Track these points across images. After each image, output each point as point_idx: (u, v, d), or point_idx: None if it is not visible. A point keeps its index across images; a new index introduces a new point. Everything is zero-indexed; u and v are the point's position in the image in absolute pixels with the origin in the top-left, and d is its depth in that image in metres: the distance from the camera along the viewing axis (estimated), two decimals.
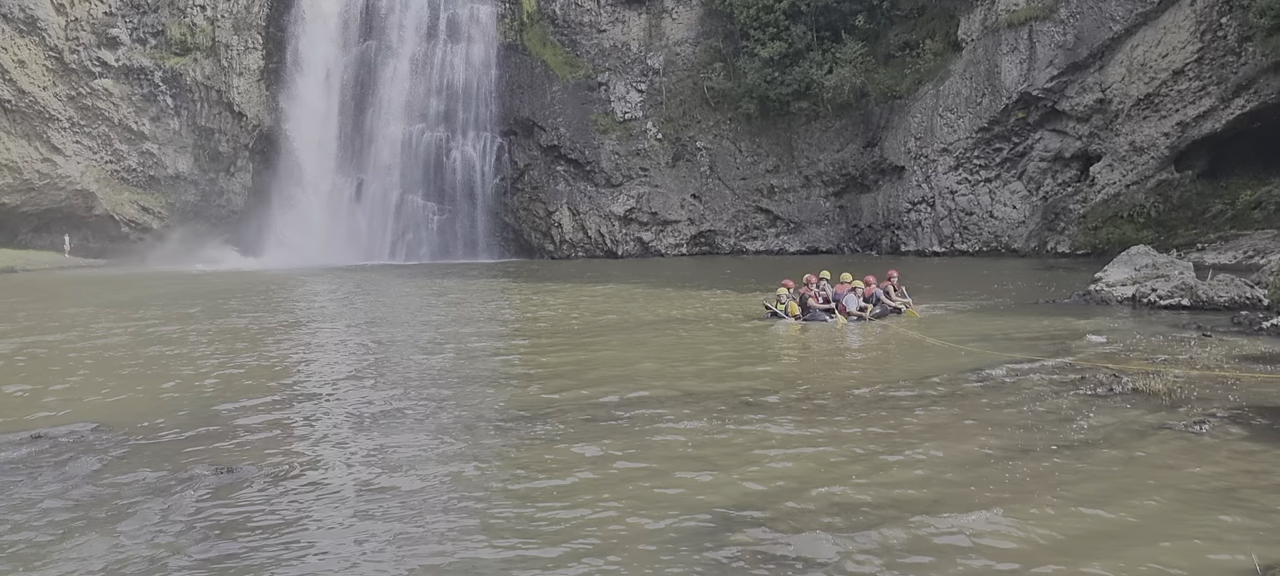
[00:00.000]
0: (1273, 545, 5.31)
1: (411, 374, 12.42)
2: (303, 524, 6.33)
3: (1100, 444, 7.75)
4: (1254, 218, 30.24)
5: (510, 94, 48.26)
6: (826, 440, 8.18)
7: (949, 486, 6.72)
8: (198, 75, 49.60)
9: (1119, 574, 5.05)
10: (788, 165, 45.71)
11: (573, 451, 8.02)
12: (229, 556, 5.76)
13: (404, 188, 48.37)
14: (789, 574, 5.23)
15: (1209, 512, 5.98)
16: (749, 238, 46.65)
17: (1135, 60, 34.11)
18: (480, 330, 17.51)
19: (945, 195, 39.77)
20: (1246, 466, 6.95)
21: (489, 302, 23.44)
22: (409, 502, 6.73)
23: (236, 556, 5.75)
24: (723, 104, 46.21)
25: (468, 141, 48.82)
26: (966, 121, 38.75)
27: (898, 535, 5.75)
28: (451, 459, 7.89)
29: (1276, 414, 8.53)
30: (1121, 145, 34.96)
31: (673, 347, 14.37)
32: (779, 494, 6.65)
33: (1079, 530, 5.76)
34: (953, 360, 12.21)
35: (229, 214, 50.56)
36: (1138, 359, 11.77)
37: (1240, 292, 16.96)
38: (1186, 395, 9.41)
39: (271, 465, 7.75)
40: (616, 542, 5.80)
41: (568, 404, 10.04)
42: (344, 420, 9.57)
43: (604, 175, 47.27)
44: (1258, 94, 31.41)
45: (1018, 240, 37.68)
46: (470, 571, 5.45)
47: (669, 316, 18.85)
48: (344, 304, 23.94)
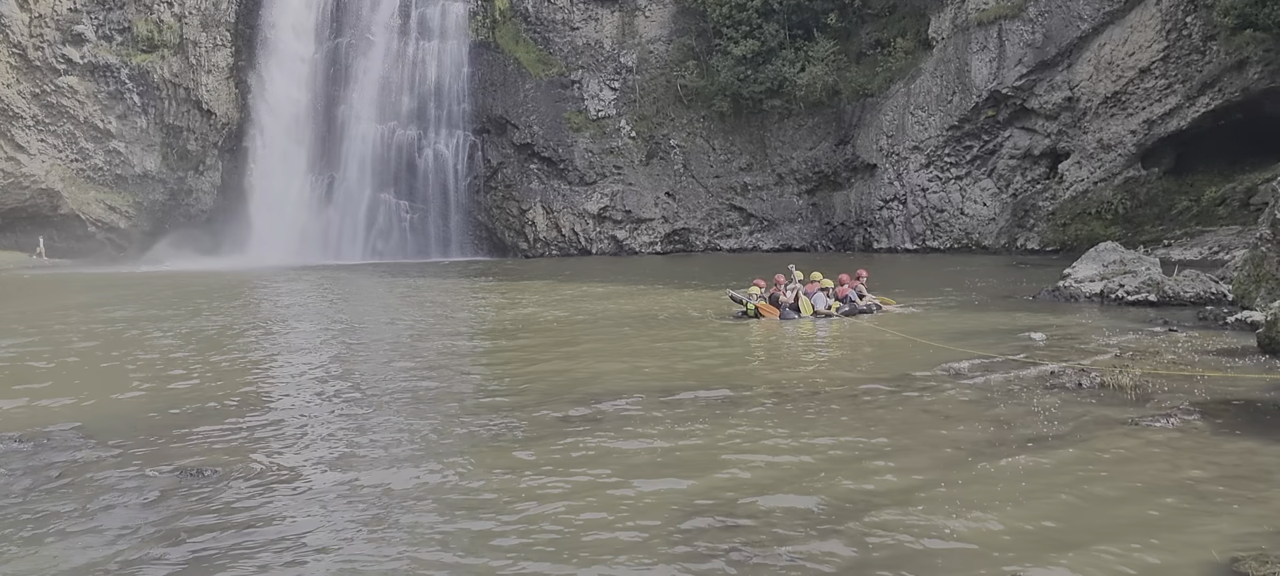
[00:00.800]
0: (1237, 538, 5.37)
1: (382, 374, 12.33)
2: (272, 525, 6.25)
3: (1067, 439, 7.82)
4: (1218, 214, 30.69)
5: (483, 92, 48.04)
6: (796, 437, 8.20)
7: (918, 482, 6.75)
8: (165, 72, 48.97)
9: (1085, 568, 5.09)
10: (761, 163, 45.84)
11: (544, 450, 7.99)
12: (198, 558, 5.68)
13: (376, 186, 48.02)
14: (759, 570, 5.23)
15: (1174, 506, 6.04)
16: (723, 235, 46.74)
17: (1103, 59, 34.50)
18: (452, 330, 17.41)
19: (917, 193, 40.05)
20: (1211, 460, 7.03)
21: (461, 302, 23.33)
22: (380, 502, 6.67)
23: (206, 558, 5.68)
24: (696, 102, 46.26)
25: (440, 139, 48.53)
26: (937, 119, 39.04)
27: (867, 531, 5.77)
28: (423, 458, 7.84)
29: (1241, 408, 8.64)
30: (1089, 143, 35.36)
31: (645, 346, 14.37)
32: (749, 491, 6.65)
33: (1046, 524, 5.81)
34: (922, 356, 12.28)
35: (198, 213, 49.99)
36: (1105, 353, 11.90)
37: (1205, 288, 17.19)
38: (1152, 389, 9.52)
39: (240, 466, 7.65)
40: (587, 540, 5.78)
41: (539, 403, 10.00)
42: (314, 421, 9.48)
43: (578, 173, 47.19)
44: (1222, 92, 31.88)
45: (988, 237, 38.01)
46: (442, 572, 5.40)
47: (641, 315, 18.85)
48: (315, 304, 23.74)
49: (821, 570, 5.22)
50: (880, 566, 5.23)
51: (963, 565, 5.20)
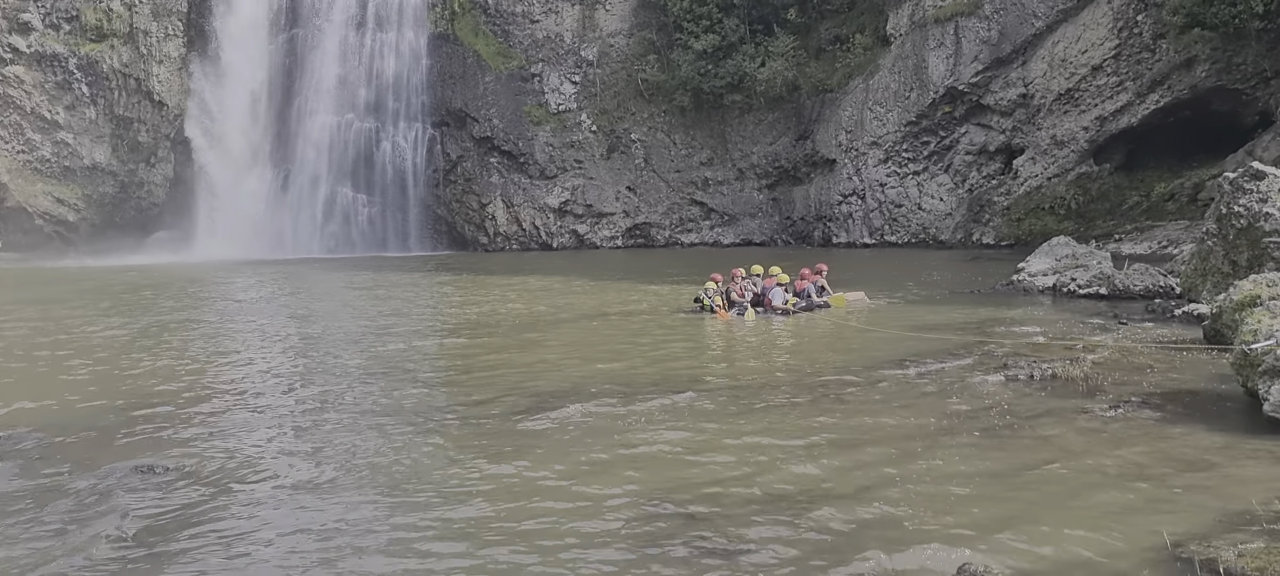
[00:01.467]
0: (1182, 523, 5.49)
1: (341, 370, 12.19)
2: (223, 522, 6.15)
3: (1020, 428, 7.94)
4: (1167, 209, 31.35)
5: (441, 84, 47.63)
6: (755, 430, 8.24)
7: (875, 473, 6.81)
8: (115, 62, 47.91)
9: (1036, 553, 5.17)
10: (722, 158, 45.97)
11: (503, 446, 7.96)
12: (148, 555, 5.57)
13: (332, 179, 47.41)
14: (718, 561, 5.24)
15: (1122, 493, 6.15)
16: (684, 230, 46.82)
17: (1056, 56, 35.05)
18: (410, 324, 17.27)
19: (875, 187, 40.42)
20: (1158, 448, 7.18)
21: (420, 297, 23.14)
22: (334, 499, 6.59)
23: (156, 555, 5.57)
24: (657, 96, 46.27)
25: (398, 132, 48.04)
26: (895, 115, 39.42)
27: (824, 521, 5.80)
28: (379, 455, 7.76)
29: (1187, 397, 8.83)
30: (1043, 139, 35.92)
31: (605, 341, 14.36)
32: (707, 485, 6.67)
33: (999, 511, 5.89)
34: (880, 349, 12.40)
35: (150, 206, 49.00)
36: (1057, 345, 12.10)
37: (1154, 281, 17.54)
38: (1103, 380, 9.69)
39: (192, 463, 7.52)
40: (546, 536, 5.75)
41: (497, 398, 9.95)
42: (266, 418, 9.35)
43: (538, 167, 46.99)
44: (1171, 90, 32.54)
45: (945, 232, 38.48)
46: (402, 571, 5.35)
47: (602, 310, 18.83)
48: (271, 299, 23.41)
49: (779, 559, 5.24)
50: (836, 556, 5.26)
51: (917, 553, 5.25)
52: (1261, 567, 4.64)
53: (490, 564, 5.35)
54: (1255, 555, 4.83)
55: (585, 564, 5.30)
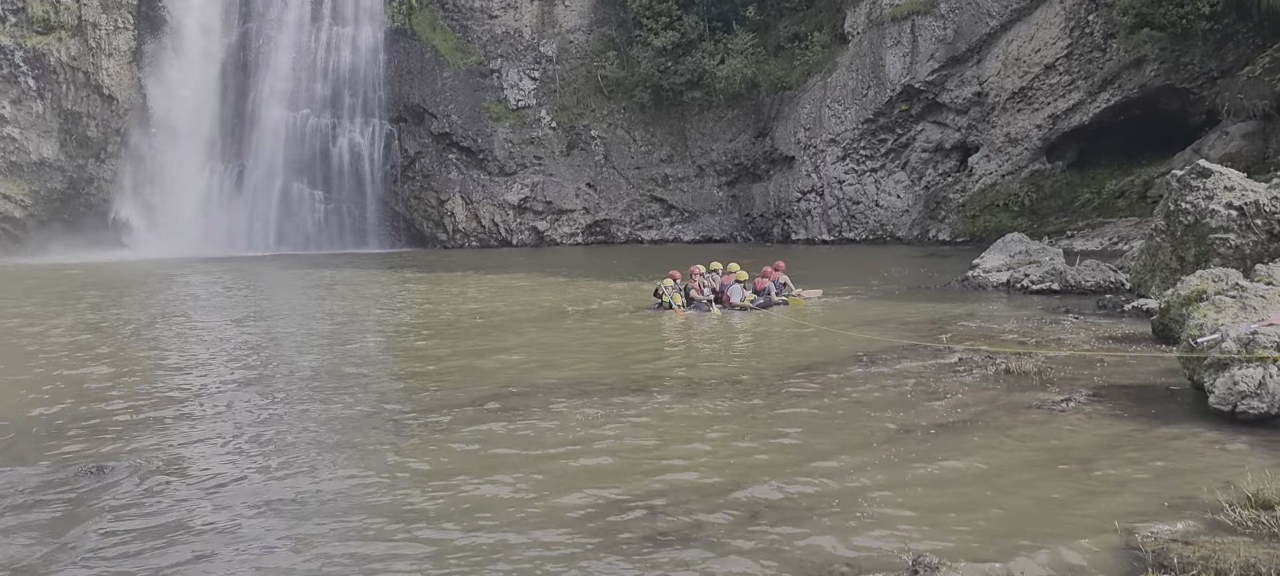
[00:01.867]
0: (1132, 512, 5.58)
1: (295, 369, 12.02)
2: (182, 524, 6.03)
3: (974, 423, 8.03)
4: (1118, 206, 31.92)
5: (399, 80, 47.15)
6: (714, 426, 8.26)
7: (832, 467, 6.85)
8: (62, 55, 46.84)
9: (989, 545, 5.22)
10: (681, 154, 46.03)
11: (462, 445, 7.90)
12: (95, 556, 5.44)
13: (288, 175, 46.74)
14: (677, 556, 5.24)
15: (1074, 485, 6.25)
16: (644, 227, 46.82)
17: (1010, 55, 35.55)
18: (369, 322, 17.09)
19: (833, 184, 40.71)
20: (1108, 440, 7.30)
21: (377, 294, 22.90)
22: (287, 499, 6.49)
23: (104, 557, 5.44)
24: (617, 93, 46.21)
25: (355, 128, 47.48)
26: (853, 112, 39.73)
27: (781, 515, 5.83)
28: (334, 454, 7.66)
29: (1136, 390, 9.00)
30: (997, 137, 36.41)
31: (564, 339, 14.32)
32: (667, 481, 6.67)
33: (953, 504, 5.95)
34: (837, 346, 12.49)
35: (100, 202, 47.94)
36: (1011, 340, 12.27)
37: (1105, 277, 17.86)
38: (1055, 375, 9.84)
39: (141, 463, 7.37)
40: (508, 533, 5.71)
41: (457, 397, 9.88)
42: (219, 418, 9.19)
43: (497, 163, 46.72)
44: (1121, 89, 33.15)
45: (902, 228, 38.87)
46: (361, 569, 5.28)
47: (561, 306, 18.78)
48: (226, 296, 23.04)
49: (737, 554, 5.25)
50: (793, 549, 5.28)
51: (873, 546, 5.29)
52: (1208, 555, 4.73)
53: (448, 561, 5.29)
54: (1202, 543, 4.93)
55: (544, 560, 5.27)
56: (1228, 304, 9.30)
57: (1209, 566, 4.58)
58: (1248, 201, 13.17)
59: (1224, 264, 12.62)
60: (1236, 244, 13.13)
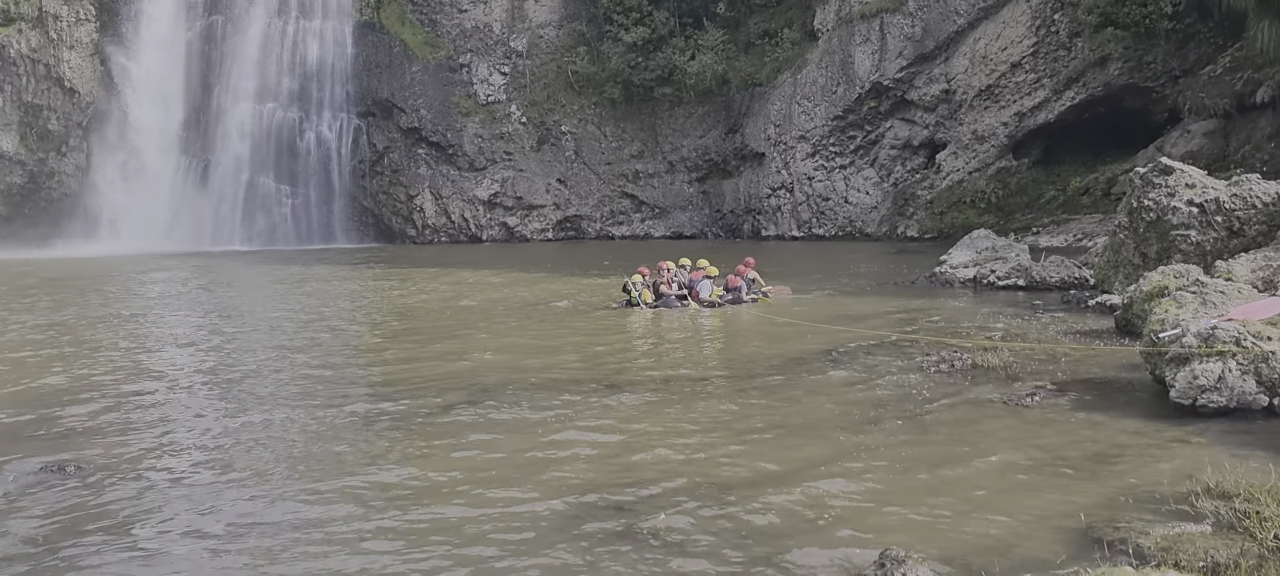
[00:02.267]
0: (1095, 505, 5.66)
1: (259, 365, 11.90)
2: (139, 521, 5.94)
3: (942, 416, 8.11)
4: (1083, 203, 32.34)
5: (367, 74, 46.71)
6: (682, 422, 8.27)
7: (799, 461, 6.88)
8: (23, 47, 45.93)
9: (954, 537, 5.27)
10: (652, 150, 46.01)
11: (432, 441, 7.85)
12: (58, 555, 5.34)
13: (254, 170, 46.14)
14: (645, 551, 5.24)
15: (1037, 478, 6.33)
16: (615, 222, 46.76)
17: (977, 53, 35.88)
18: (337, 319, 16.94)
19: (803, 181, 40.89)
20: (1071, 434, 7.40)
21: (345, 290, 22.71)
22: (255, 498, 6.42)
23: (69, 556, 5.35)
24: (587, 88, 46.09)
25: (323, 122, 46.97)
26: (822, 109, 39.92)
27: (749, 509, 5.85)
28: (302, 452, 7.59)
29: (1099, 385, 9.12)
30: (965, 134, 36.74)
31: (535, 335, 14.28)
32: (637, 476, 6.67)
33: (920, 497, 6.00)
34: (806, 342, 12.55)
35: (62, 197, 47.05)
36: (977, 336, 12.39)
37: (1069, 273, 18.09)
38: (1020, 369, 9.95)
39: (106, 461, 7.25)
40: (475, 528, 5.68)
41: (426, 393, 9.82)
42: (185, 416, 9.08)
43: (467, 159, 46.45)
44: (1085, 87, 33.57)
45: (871, 225, 39.12)
46: (329, 569, 5.22)
47: (531, 302, 18.72)
48: (188, 294, 22.74)
49: (706, 549, 5.26)
50: (761, 543, 5.30)
51: (841, 539, 5.32)
52: (1168, 547, 4.81)
53: (418, 557, 5.25)
54: (1163, 535, 5.01)
55: (513, 555, 5.24)
56: (1188, 299, 9.45)
57: (1170, 556, 4.65)
58: (1208, 199, 13.39)
59: (1185, 260, 12.82)
60: (1197, 240, 13.34)
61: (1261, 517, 5.08)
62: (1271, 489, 5.37)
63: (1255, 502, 5.27)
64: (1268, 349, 7.60)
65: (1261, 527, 4.98)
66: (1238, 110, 28.39)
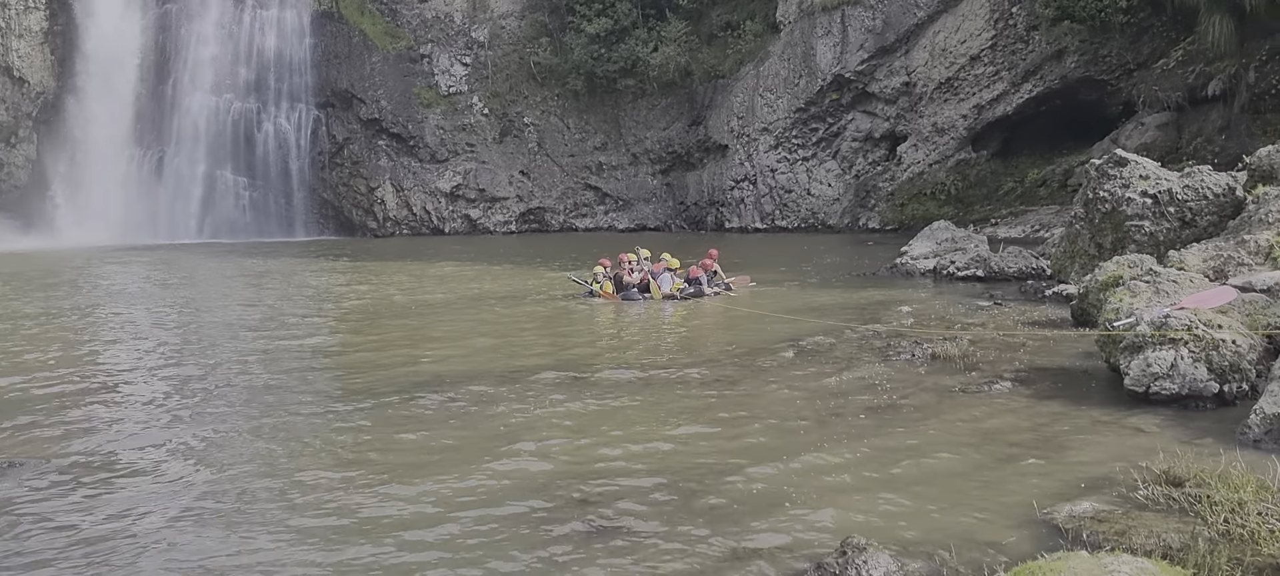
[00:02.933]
0: (1050, 490, 5.73)
1: (217, 360, 11.71)
2: (96, 520, 5.81)
3: (902, 405, 8.17)
4: (1040, 194, 32.79)
5: (326, 64, 46.14)
6: (645, 412, 8.26)
7: (762, 451, 6.90)
8: None
9: (914, 525, 5.32)
10: (615, 142, 45.95)
11: (393, 434, 7.77)
12: (14, 554, 5.22)
13: (210, 162, 45.41)
14: (609, 541, 5.22)
15: (997, 463, 6.40)
16: (578, 215, 46.66)
17: (937, 45, 36.21)
18: (296, 313, 16.72)
19: (766, 173, 41.07)
20: (1029, 422, 7.49)
21: (305, 284, 22.43)
22: (212, 495, 6.31)
23: (25, 554, 5.21)
24: (550, 80, 45.88)
25: (280, 114, 46.34)
26: (785, 102, 40.09)
27: (712, 499, 5.85)
28: (261, 447, 7.47)
29: (1056, 373, 9.25)
30: (925, 126, 37.09)
31: (497, 328, 14.20)
32: (600, 468, 6.65)
33: (881, 485, 6.04)
34: (767, 332, 12.60)
35: (11, 189, 45.98)
36: (937, 326, 12.52)
37: (1027, 264, 18.33)
38: (979, 358, 10.06)
39: (67, 458, 7.09)
40: (439, 522, 5.63)
41: (388, 386, 9.72)
42: (144, 413, 8.90)
43: (429, 150, 46.07)
44: (1043, 79, 34.03)
45: (833, 217, 39.39)
46: (287, 566, 5.14)
47: (493, 295, 18.62)
48: (144, 287, 22.33)
49: (669, 538, 5.26)
50: (725, 533, 5.31)
51: (802, 527, 5.34)
52: (1122, 531, 4.88)
53: (377, 551, 5.19)
54: (1117, 519, 5.09)
55: (475, 548, 5.20)
56: (1142, 288, 9.60)
57: (1122, 541, 4.72)
58: (1161, 190, 13.61)
59: (1139, 250, 13.02)
60: (1151, 231, 13.56)
61: (1212, 502, 5.17)
62: (1222, 474, 5.47)
63: (1206, 487, 5.36)
64: (1218, 337, 7.75)
65: (1212, 512, 5.08)
66: (1190, 103, 28.92)
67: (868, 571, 4.58)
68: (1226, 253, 11.15)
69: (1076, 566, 3.59)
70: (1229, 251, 11.15)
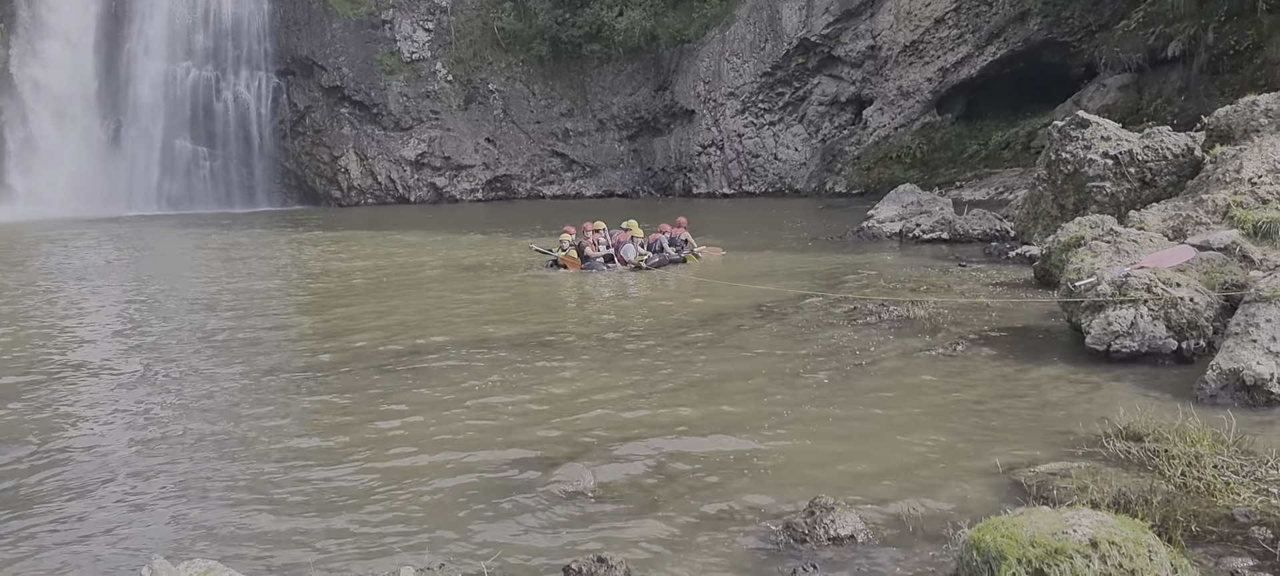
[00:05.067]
0: (1014, 448, 5.83)
1: (180, 331, 11.56)
2: (65, 494, 5.73)
3: (869, 368, 8.25)
4: (1004, 157, 33.09)
5: (286, 31, 45.33)
6: (613, 379, 8.28)
7: (730, 415, 6.95)
8: None
9: (880, 483, 5.38)
10: (582, 109, 45.67)
11: (359, 405, 7.73)
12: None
13: (169, 131, 44.56)
14: (579, 507, 5.24)
15: (961, 423, 6.49)
16: (545, 182, 46.41)
17: (902, 9, 36.27)
18: (259, 284, 16.53)
19: (733, 138, 41.06)
20: (993, 381, 7.60)
21: (267, 254, 22.16)
22: (184, 465, 6.25)
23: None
24: (514, 45, 45.42)
25: (240, 81, 45.52)
26: (751, 66, 40.03)
27: (681, 464, 5.89)
28: (229, 416, 7.40)
29: (1019, 333, 9.38)
30: (890, 90, 37.23)
31: (462, 297, 14.14)
32: (567, 434, 6.66)
33: (848, 447, 6.11)
34: (735, 298, 12.65)
35: None
36: (903, 288, 12.63)
37: (991, 226, 18.53)
38: (944, 320, 10.17)
39: (27, 434, 6.98)
40: (420, 490, 5.62)
41: (354, 356, 9.66)
42: (106, 386, 8.78)
43: (392, 118, 45.52)
44: (1006, 42, 34.24)
45: (800, 181, 39.52)
46: (259, 537, 5.11)
47: (458, 264, 18.52)
48: (103, 260, 21.94)
49: (638, 503, 5.28)
50: (693, 496, 5.34)
51: (771, 489, 5.39)
52: (1082, 486, 4.98)
53: (345, 519, 5.18)
54: (1078, 475, 5.18)
55: (444, 515, 5.20)
56: (1103, 249, 9.75)
57: (1084, 495, 4.82)
58: (1122, 151, 13.78)
59: (1101, 210, 13.21)
60: (1112, 191, 13.74)
61: (1169, 456, 5.29)
62: (1179, 428, 5.59)
63: (1163, 442, 5.48)
64: (1177, 295, 7.88)
65: (1169, 465, 5.19)
66: (1150, 64, 29.23)
67: (835, 530, 4.64)
68: (1185, 212, 11.34)
69: (1038, 521, 3.66)
70: (1187, 211, 11.34)
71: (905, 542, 4.62)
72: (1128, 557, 3.45)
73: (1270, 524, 4.49)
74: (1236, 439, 5.51)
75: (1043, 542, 3.51)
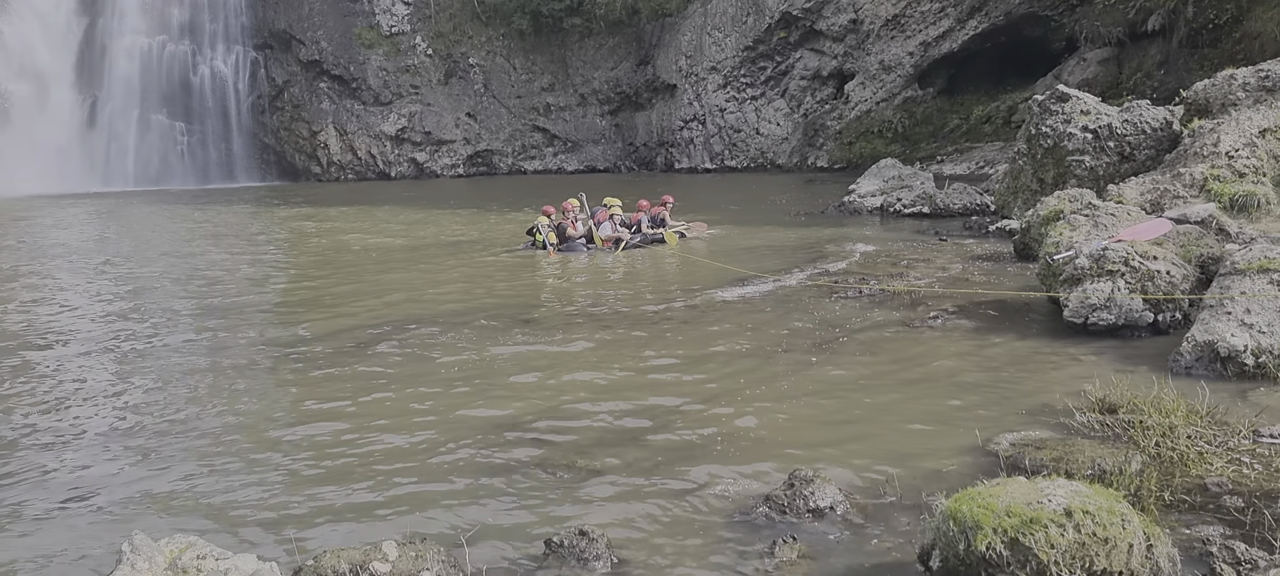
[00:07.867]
0: (993, 421, 5.88)
1: (163, 311, 11.48)
2: (44, 470, 5.70)
3: (849, 341, 8.30)
4: (984, 131, 33.17)
5: (263, 4, 44.71)
6: (595, 356, 8.29)
7: (712, 389, 6.98)
8: None
9: (862, 455, 5.43)
10: (563, 83, 45.39)
11: (339, 382, 7.71)
12: None
13: (145, 106, 43.98)
14: (562, 482, 5.26)
15: (941, 396, 6.54)
16: (527, 157, 46.18)
17: None
18: (238, 260, 16.42)
19: (715, 113, 40.95)
20: (972, 354, 7.66)
21: (247, 230, 22.00)
22: (166, 443, 6.22)
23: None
24: (495, 19, 45.02)
25: (217, 55, 44.92)
26: (733, 40, 39.87)
27: (663, 438, 5.91)
28: (212, 390, 7.37)
29: (998, 306, 9.45)
30: (872, 64, 37.18)
31: (443, 274, 14.10)
32: (549, 410, 6.68)
33: (828, 420, 6.15)
34: (718, 273, 12.67)
35: None
36: (884, 262, 12.69)
37: (971, 200, 18.61)
38: (924, 294, 10.24)
39: (6, 411, 6.93)
40: (404, 465, 5.62)
41: (334, 334, 9.63)
42: (87, 363, 8.72)
43: (372, 93, 45.09)
44: (987, 16, 34.23)
45: (782, 156, 39.50)
46: (240, 512, 5.11)
47: (438, 241, 18.45)
48: (81, 237, 21.72)
49: (621, 477, 5.31)
50: (676, 470, 5.37)
51: (752, 462, 5.42)
52: (1059, 458, 5.04)
53: (326, 494, 5.18)
54: (1054, 446, 5.25)
55: (426, 493, 5.21)
56: (1082, 222, 9.81)
57: (1060, 467, 4.87)
58: (1102, 125, 13.85)
59: (1079, 185, 13.28)
60: (1091, 165, 13.82)
61: (1144, 426, 5.35)
62: (1154, 400, 5.65)
63: (1138, 413, 5.54)
64: (1153, 268, 7.96)
65: (1144, 436, 5.26)
66: (1130, 38, 29.32)
67: (815, 501, 4.68)
68: (1163, 186, 11.42)
69: (1014, 491, 3.70)
70: (1165, 184, 11.42)
71: (884, 513, 4.67)
72: (1101, 526, 3.50)
73: (1242, 492, 4.56)
74: (1210, 410, 5.58)
75: (1018, 512, 3.55)
